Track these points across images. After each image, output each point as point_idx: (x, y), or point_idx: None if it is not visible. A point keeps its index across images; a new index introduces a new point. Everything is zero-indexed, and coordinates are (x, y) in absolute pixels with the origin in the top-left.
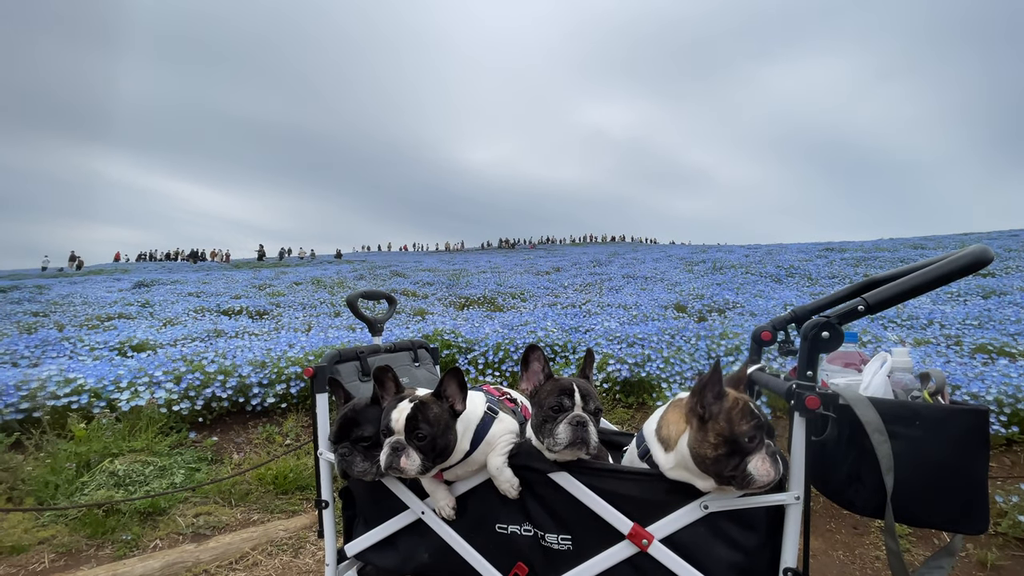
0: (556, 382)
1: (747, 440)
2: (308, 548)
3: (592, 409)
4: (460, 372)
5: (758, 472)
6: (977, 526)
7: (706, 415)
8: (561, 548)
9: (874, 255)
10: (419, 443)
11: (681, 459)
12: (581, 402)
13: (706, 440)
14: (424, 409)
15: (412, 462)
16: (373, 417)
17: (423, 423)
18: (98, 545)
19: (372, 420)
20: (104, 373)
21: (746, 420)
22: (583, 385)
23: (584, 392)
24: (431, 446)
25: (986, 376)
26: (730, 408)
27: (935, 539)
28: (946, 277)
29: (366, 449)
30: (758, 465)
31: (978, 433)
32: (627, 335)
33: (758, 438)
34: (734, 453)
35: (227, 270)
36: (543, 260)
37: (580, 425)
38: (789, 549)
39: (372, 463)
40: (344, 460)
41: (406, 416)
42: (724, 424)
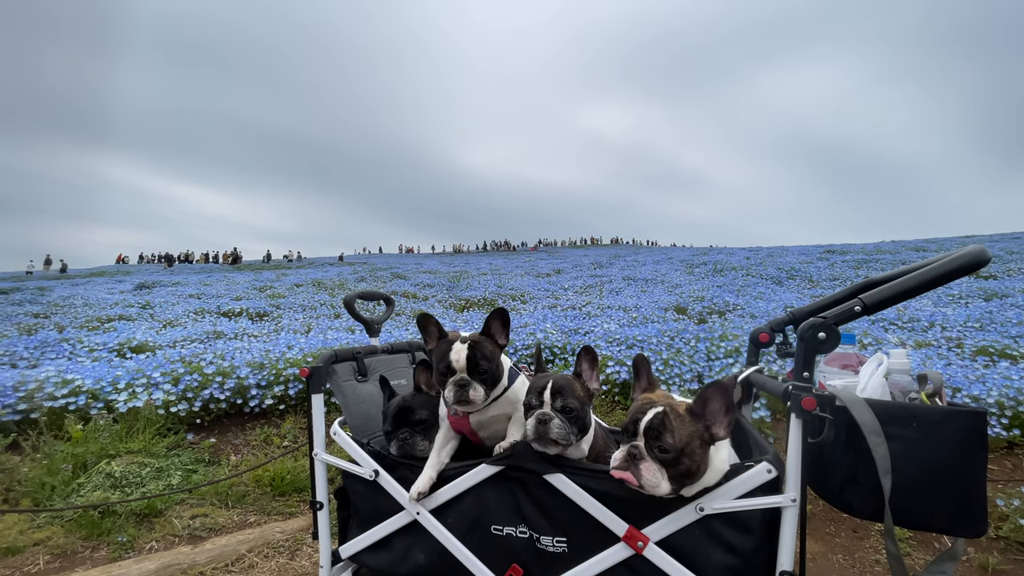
0: (538, 379)
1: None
2: (304, 550)
3: (559, 406)
4: (504, 311)
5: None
6: (975, 529)
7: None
8: (556, 550)
9: (875, 257)
10: (481, 376)
11: None
12: (550, 399)
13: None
14: (480, 347)
15: (478, 393)
16: (424, 402)
17: (482, 359)
18: (94, 547)
19: (424, 405)
20: (102, 374)
21: (628, 415)
22: (560, 383)
23: (557, 389)
24: (491, 378)
25: (987, 378)
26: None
27: (935, 542)
28: (943, 278)
29: (425, 431)
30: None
31: (976, 435)
32: (627, 337)
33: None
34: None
35: (228, 272)
36: (544, 262)
37: (541, 422)
38: (785, 552)
39: (431, 441)
40: (406, 443)
41: (466, 356)
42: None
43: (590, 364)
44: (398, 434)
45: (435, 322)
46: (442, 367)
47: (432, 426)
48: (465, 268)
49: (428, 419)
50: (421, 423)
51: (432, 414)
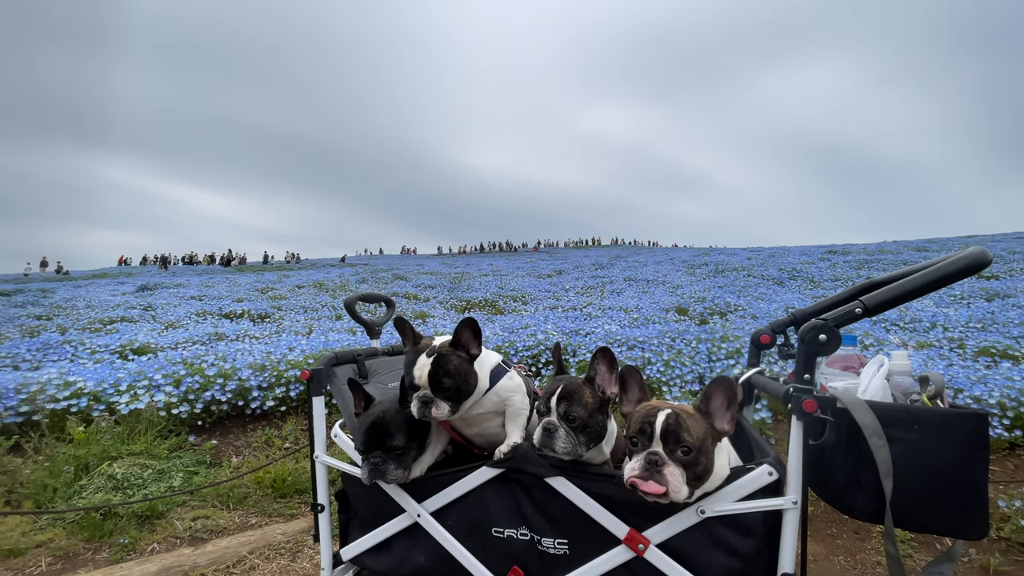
0: (553, 383)
1: (631, 439)
2: (306, 552)
3: (563, 413)
4: (474, 320)
5: (626, 470)
6: (977, 531)
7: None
8: (557, 552)
9: (877, 258)
10: (444, 393)
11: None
12: (556, 407)
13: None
14: (444, 363)
15: (441, 411)
16: (403, 422)
17: (444, 376)
18: (95, 548)
19: (403, 426)
20: (104, 376)
21: (638, 420)
22: (568, 389)
23: (563, 396)
24: (456, 394)
25: (989, 379)
26: (638, 409)
27: (937, 544)
28: (945, 279)
29: (399, 456)
30: (628, 465)
31: (977, 437)
32: (628, 338)
33: (640, 441)
34: (627, 452)
35: (230, 273)
36: (545, 263)
37: (546, 432)
38: (787, 554)
39: (406, 468)
40: (376, 469)
41: (427, 372)
42: (629, 424)
43: (608, 367)
44: (370, 457)
45: (409, 327)
46: (408, 380)
47: (409, 451)
48: (466, 269)
49: (406, 445)
50: (396, 449)
51: (411, 438)
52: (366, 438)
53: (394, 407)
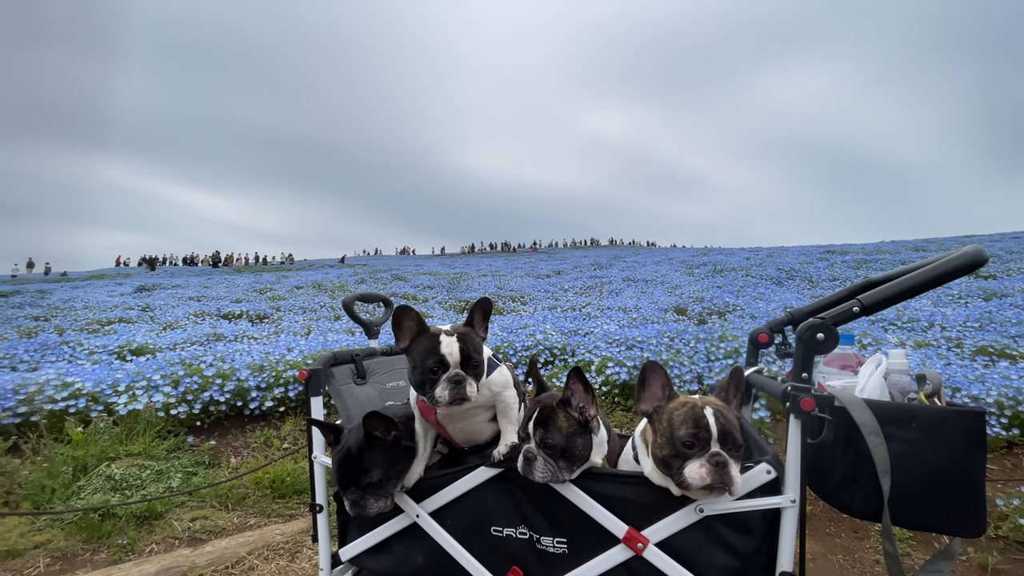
0: (532, 404)
1: (684, 444)
2: (305, 552)
3: (539, 440)
4: (488, 301)
5: (691, 476)
6: (974, 529)
7: (654, 416)
8: (556, 551)
9: (875, 257)
10: (475, 371)
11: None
12: (533, 433)
13: (657, 441)
14: (470, 340)
15: (473, 389)
16: (378, 458)
17: (474, 352)
18: (94, 549)
19: (378, 461)
20: (102, 377)
21: (685, 425)
22: (543, 414)
23: (541, 420)
24: (480, 373)
25: (987, 378)
26: (672, 410)
27: (935, 542)
28: (941, 278)
29: (377, 488)
30: (692, 470)
31: (974, 435)
32: (626, 338)
33: (697, 445)
34: (677, 455)
35: (228, 275)
36: (544, 263)
37: (526, 461)
38: (785, 553)
39: (386, 498)
40: (356, 505)
41: (459, 350)
42: (666, 425)
43: (583, 387)
44: (347, 494)
45: (415, 315)
46: (431, 363)
47: (387, 482)
48: (465, 270)
49: (380, 480)
50: (372, 485)
51: (386, 472)
52: (340, 475)
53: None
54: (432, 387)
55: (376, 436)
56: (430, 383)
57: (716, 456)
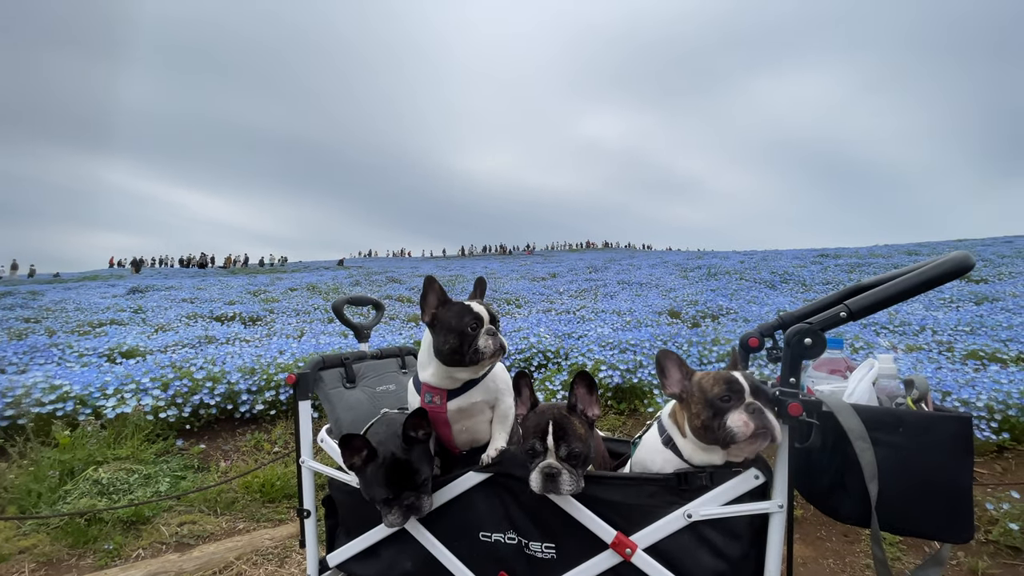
0: (536, 418)
1: (720, 400)
2: (294, 557)
3: (564, 454)
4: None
5: (735, 425)
6: (961, 535)
7: (683, 394)
8: (545, 557)
9: (868, 261)
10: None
11: (692, 440)
12: (554, 446)
13: (692, 413)
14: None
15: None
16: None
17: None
18: (80, 555)
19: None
20: (91, 380)
21: (718, 385)
22: (560, 424)
23: (559, 434)
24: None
25: (977, 382)
26: (699, 380)
27: (926, 547)
28: (928, 283)
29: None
30: (735, 419)
31: (962, 440)
32: (620, 341)
33: (733, 398)
34: (716, 415)
35: (223, 276)
36: (540, 266)
37: (549, 477)
38: (773, 557)
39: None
40: (413, 508)
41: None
42: (699, 393)
43: (587, 390)
44: (402, 500)
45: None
46: (468, 319)
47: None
48: (461, 272)
49: (430, 474)
50: (426, 482)
51: (430, 464)
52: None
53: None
54: (473, 342)
55: (413, 436)
56: (470, 339)
57: (752, 405)
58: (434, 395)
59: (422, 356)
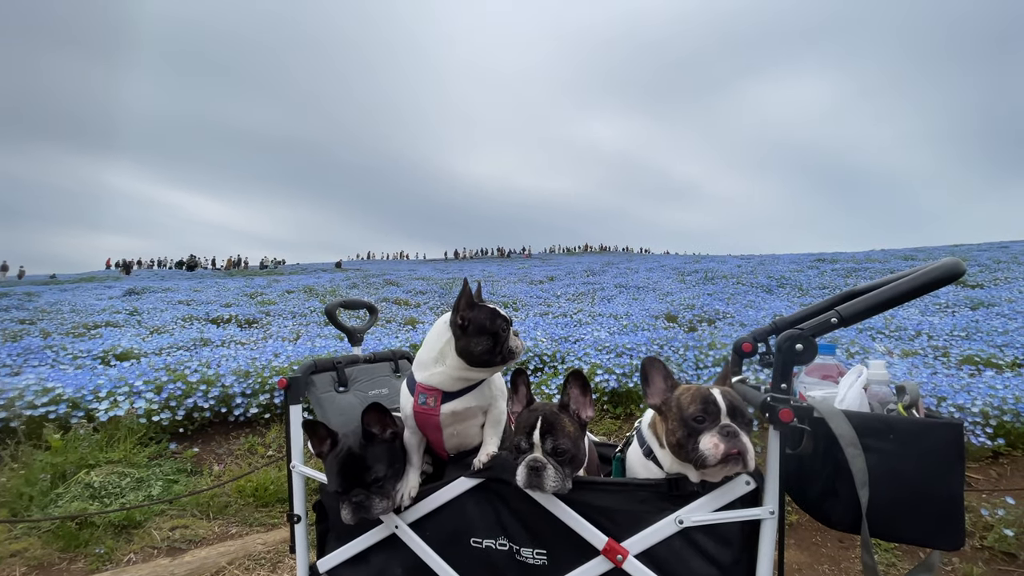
0: (527, 415)
1: (694, 420)
2: (286, 563)
3: (550, 449)
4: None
5: (706, 448)
6: (952, 541)
7: (663, 407)
8: (536, 563)
9: (865, 266)
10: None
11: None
12: (539, 442)
13: (668, 428)
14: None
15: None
16: (378, 454)
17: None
18: (71, 558)
19: (380, 457)
20: (84, 382)
21: (695, 403)
22: (549, 421)
23: (547, 429)
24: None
25: (972, 388)
26: (679, 395)
27: (920, 553)
28: (918, 290)
29: (380, 488)
30: (706, 442)
31: (953, 447)
32: (616, 345)
33: (707, 419)
34: (690, 435)
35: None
36: (537, 269)
37: (533, 471)
38: (764, 563)
39: (389, 499)
40: (362, 507)
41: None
42: (676, 409)
43: (581, 390)
44: (351, 496)
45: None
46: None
47: (391, 478)
48: (458, 275)
49: (386, 474)
50: (377, 482)
51: (390, 466)
52: (342, 477)
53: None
54: (504, 343)
55: (374, 433)
56: (502, 340)
57: (727, 427)
58: (428, 396)
59: (425, 357)
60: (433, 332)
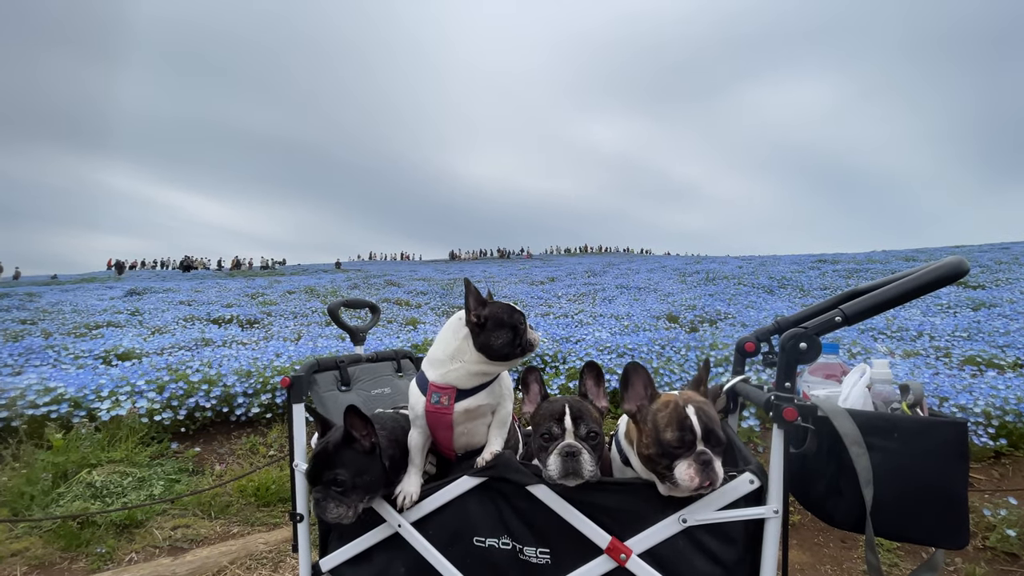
0: (550, 404)
1: (671, 447)
2: (288, 562)
3: (583, 434)
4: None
5: (680, 478)
6: (956, 540)
7: (638, 416)
8: (539, 562)
9: (866, 267)
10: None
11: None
12: (572, 427)
13: (642, 440)
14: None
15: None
16: (349, 458)
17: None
18: (72, 558)
19: (348, 461)
20: (86, 382)
21: (671, 428)
22: (576, 407)
23: (576, 415)
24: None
25: (974, 388)
26: (657, 411)
27: (923, 553)
28: (922, 288)
29: (340, 493)
30: (681, 471)
31: (956, 446)
32: (618, 345)
33: (684, 446)
34: (664, 455)
35: (221, 278)
36: (538, 270)
37: (570, 456)
38: (768, 563)
39: (348, 507)
40: (319, 505)
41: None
42: (651, 427)
43: (595, 381)
44: (314, 491)
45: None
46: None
47: (354, 489)
48: (459, 276)
49: (347, 480)
50: (336, 484)
51: (356, 473)
52: (310, 469)
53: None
54: (523, 335)
55: (353, 436)
56: (521, 333)
57: (702, 455)
58: (442, 395)
59: (439, 355)
60: (447, 330)
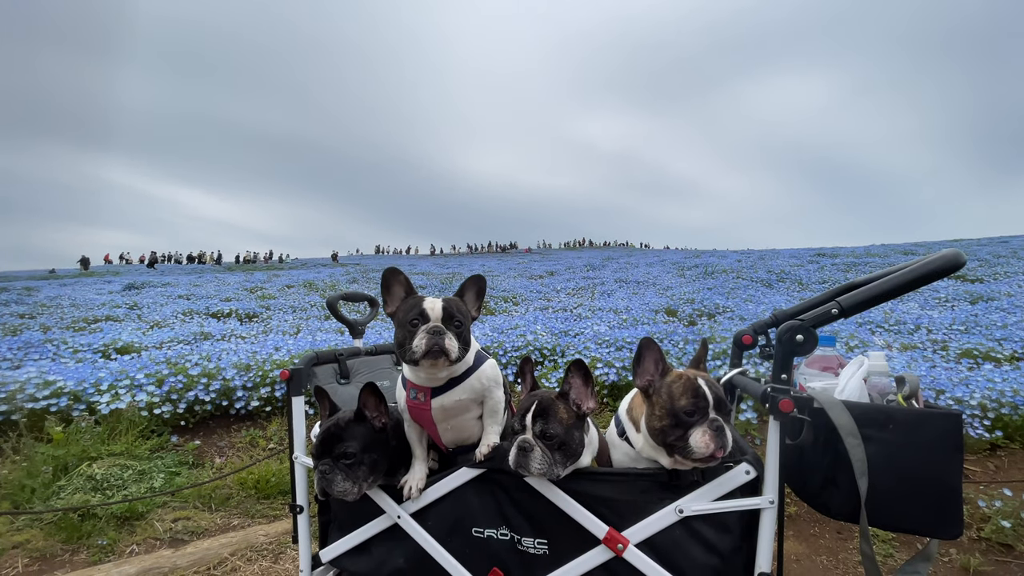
0: (527, 399)
1: (685, 414)
2: (288, 553)
3: (539, 432)
4: (482, 278)
5: (696, 444)
6: (951, 531)
7: (649, 389)
8: (537, 552)
9: (865, 261)
10: (456, 329)
11: (645, 435)
12: (531, 424)
13: (654, 413)
14: (455, 303)
15: (453, 344)
16: (359, 434)
17: (457, 313)
18: (73, 550)
19: (357, 436)
20: (85, 376)
21: (686, 396)
22: (543, 404)
23: (539, 413)
24: (464, 338)
25: (971, 381)
26: (671, 383)
27: (918, 544)
28: (919, 281)
29: (348, 467)
30: (697, 438)
31: (951, 437)
32: (616, 339)
33: (698, 413)
34: (677, 425)
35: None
36: (537, 264)
37: (521, 451)
38: (764, 553)
39: (355, 482)
40: (324, 478)
41: (442, 307)
42: (666, 398)
43: (582, 381)
44: (320, 465)
45: (404, 279)
46: (412, 315)
47: (360, 464)
48: (458, 270)
49: (356, 454)
50: (346, 456)
51: (364, 449)
52: (318, 444)
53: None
54: (411, 340)
55: (366, 415)
56: (409, 337)
57: (715, 422)
58: (418, 392)
59: None
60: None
